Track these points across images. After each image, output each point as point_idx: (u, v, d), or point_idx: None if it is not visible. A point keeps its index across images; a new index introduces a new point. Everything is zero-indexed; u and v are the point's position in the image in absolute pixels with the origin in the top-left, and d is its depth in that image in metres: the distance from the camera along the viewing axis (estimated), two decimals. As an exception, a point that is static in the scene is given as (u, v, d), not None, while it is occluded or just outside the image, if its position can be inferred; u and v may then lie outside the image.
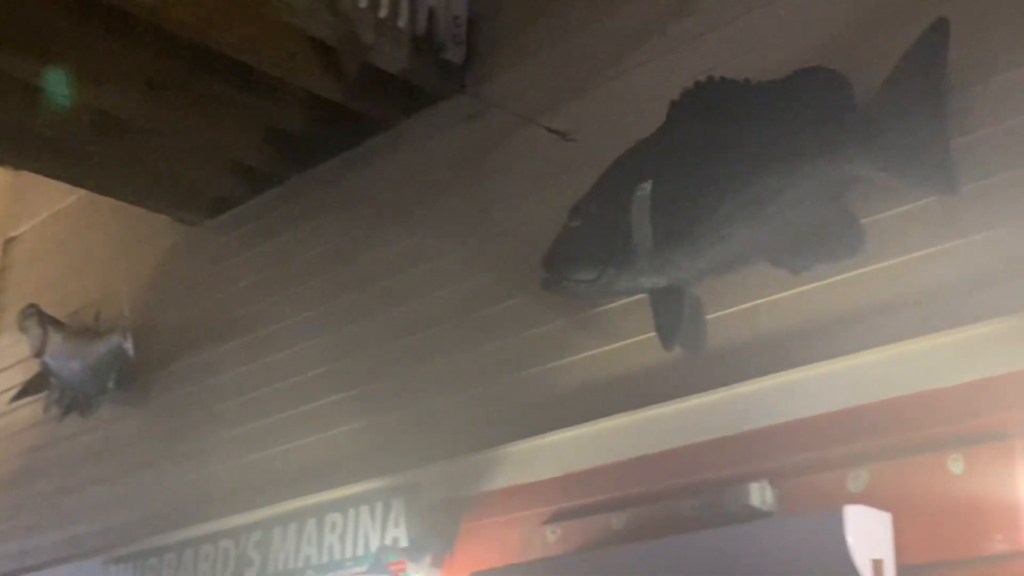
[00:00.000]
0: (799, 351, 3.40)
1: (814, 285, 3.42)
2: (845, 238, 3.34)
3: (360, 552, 4.46)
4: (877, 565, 3.01)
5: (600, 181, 3.89)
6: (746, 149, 3.54)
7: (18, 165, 6.00)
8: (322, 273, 5.06)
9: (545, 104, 4.38)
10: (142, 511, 5.63)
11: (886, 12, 3.50)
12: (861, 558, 2.98)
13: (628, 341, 3.86)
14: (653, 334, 3.71)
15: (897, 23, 3.39)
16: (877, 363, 3.25)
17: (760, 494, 3.31)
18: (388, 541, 4.34)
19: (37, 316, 6.40)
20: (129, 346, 5.83)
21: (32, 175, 6.19)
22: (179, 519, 5.37)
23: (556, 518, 3.88)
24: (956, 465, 3.03)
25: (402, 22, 4.62)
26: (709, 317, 3.66)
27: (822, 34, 3.64)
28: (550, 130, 4.21)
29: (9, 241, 7.60)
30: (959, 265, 3.15)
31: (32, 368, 6.43)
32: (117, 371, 5.88)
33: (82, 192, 6.33)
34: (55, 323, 6.36)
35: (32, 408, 6.52)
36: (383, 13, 4.57)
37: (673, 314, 3.64)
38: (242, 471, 5.13)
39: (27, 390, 6.48)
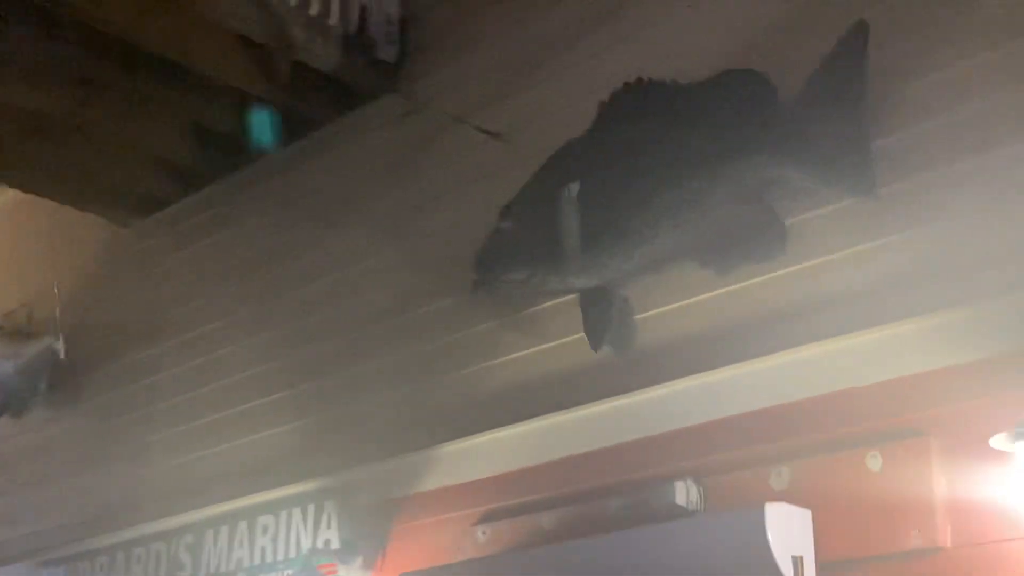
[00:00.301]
0: (724, 351, 3.43)
1: (739, 285, 3.44)
2: (768, 239, 3.37)
3: (292, 554, 4.44)
4: (798, 561, 3.05)
5: (530, 182, 3.90)
6: (673, 150, 3.56)
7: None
8: (255, 273, 5.04)
9: (478, 103, 4.37)
10: (75, 514, 5.57)
11: (811, 14, 3.53)
12: (782, 555, 3.01)
13: (559, 341, 3.87)
14: (583, 334, 3.74)
15: (822, 25, 3.42)
16: (799, 362, 3.27)
17: (685, 492, 3.34)
18: (320, 543, 4.33)
19: (-33, 319, 6.31)
20: (61, 347, 5.77)
21: (-40, 176, 6.10)
22: (112, 522, 5.31)
23: (487, 519, 3.88)
24: (874, 462, 3.08)
25: (333, 20, 4.60)
26: (638, 317, 3.68)
27: (748, 36, 3.66)
28: (482, 130, 4.22)
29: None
30: (878, 266, 3.19)
31: (-39, 371, 6.34)
32: (49, 372, 5.82)
33: (12, 192, 6.23)
34: (-15, 325, 6.28)
35: (-37, 411, 6.42)
36: (314, 11, 4.55)
37: (602, 314, 3.66)
38: (175, 473, 5.09)
39: (-43, 393, 6.39)
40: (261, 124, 4.06)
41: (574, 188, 3.65)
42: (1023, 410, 2.79)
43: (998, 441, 2.70)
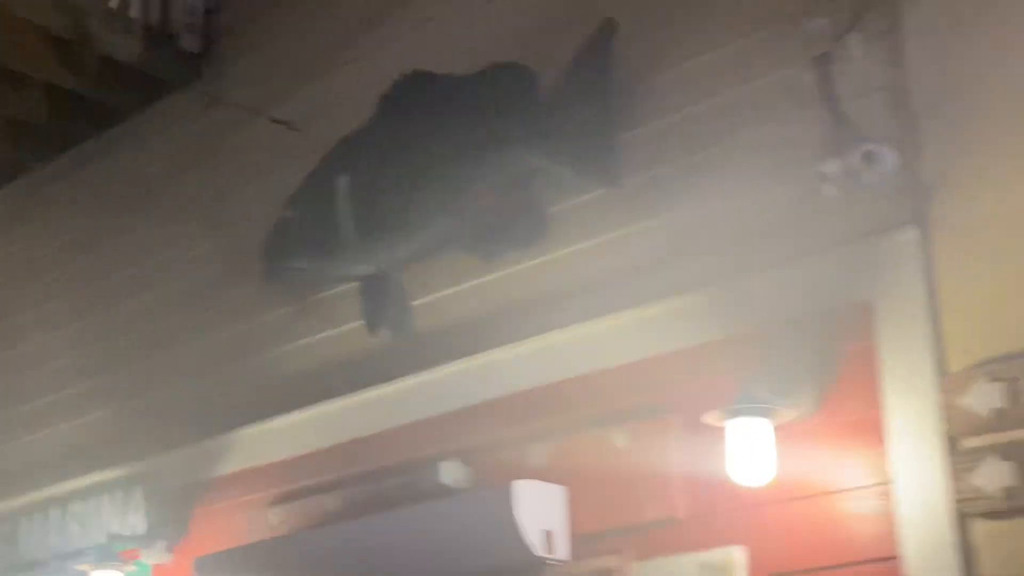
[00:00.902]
0: (491, 335, 3.56)
1: (504, 272, 3.59)
2: (530, 227, 3.52)
3: (101, 540, 4.50)
4: (548, 536, 3.21)
5: (313, 172, 4.00)
6: (444, 141, 3.69)
7: None
8: (64, 263, 5.06)
9: (277, 94, 4.45)
10: None
11: (580, 10, 3.67)
12: (531, 530, 3.17)
13: (346, 327, 3.98)
14: (366, 321, 3.87)
15: (587, 21, 3.56)
16: (557, 346, 3.43)
17: (451, 472, 3.48)
18: (127, 529, 4.39)
19: None
20: None
21: None
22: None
23: (280, 501, 3.99)
24: (621, 439, 3.25)
25: (134, 12, 4.63)
26: (415, 303, 3.81)
27: (522, 29, 3.79)
28: (275, 120, 4.29)
29: None
30: (626, 253, 3.35)
31: None
32: None
33: None
34: None
35: None
36: (114, 3, 4.58)
37: (378, 301, 3.79)
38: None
39: None
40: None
41: (346, 179, 3.75)
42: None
43: (710, 417, 2.88)
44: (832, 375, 2.90)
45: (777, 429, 2.87)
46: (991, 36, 2.84)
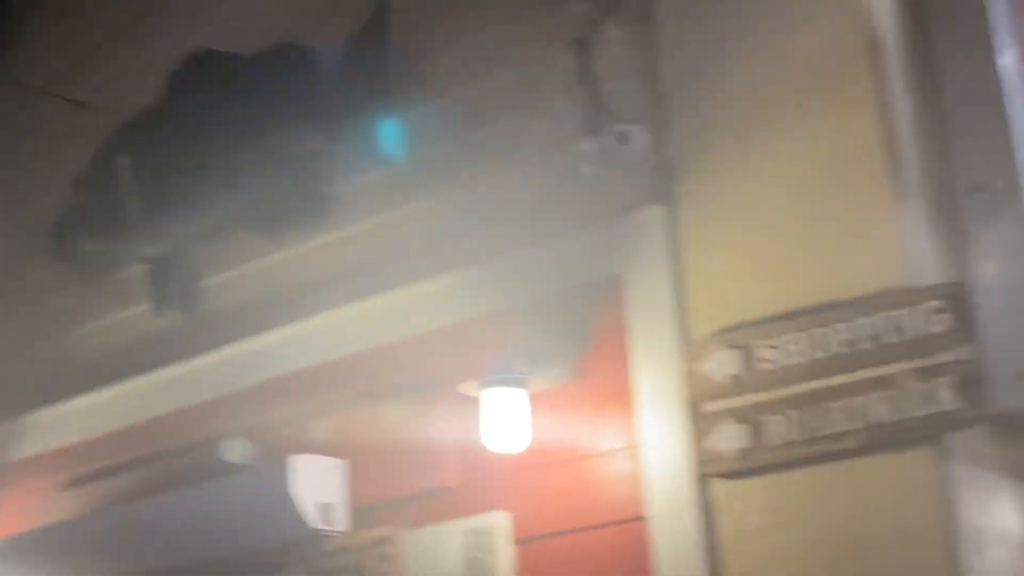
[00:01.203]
0: (276, 314, 3.61)
1: (288, 253, 3.64)
2: (311, 207, 3.57)
3: None
4: (327, 508, 3.28)
5: (97, 153, 3.97)
6: (229, 121, 3.69)
7: None
8: None
9: (70, 73, 4.40)
10: None
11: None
12: (308, 503, 3.24)
13: (136, 309, 3.98)
14: (159, 301, 3.87)
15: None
16: (339, 323, 3.49)
17: (233, 450, 3.53)
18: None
19: None
20: None
21: None
22: None
23: (72, 485, 3.98)
24: (397, 413, 3.33)
25: (-80, -9, 4.53)
26: (203, 284, 3.83)
27: (308, 8, 3.81)
28: (66, 100, 4.25)
29: None
30: (405, 231, 3.43)
31: None
32: None
33: None
34: None
35: None
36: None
37: (166, 282, 3.80)
38: None
39: None
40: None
41: (126, 160, 3.75)
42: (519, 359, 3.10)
43: (467, 388, 2.98)
44: (587, 345, 3.03)
45: (534, 398, 2.99)
46: (737, 23, 2.98)
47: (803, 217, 2.73)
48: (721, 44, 2.98)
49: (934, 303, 2.51)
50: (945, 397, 2.46)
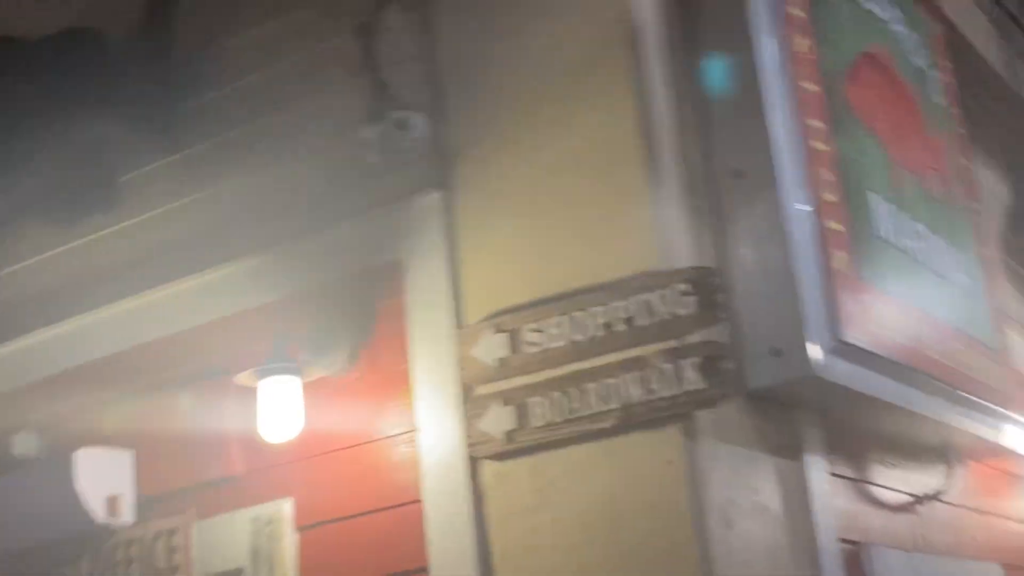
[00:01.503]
0: (69, 305, 3.55)
1: (80, 241, 3.58)
2: (101, 195, 3.52)
3: None
4: (114, 501, 3.25)
5: None
6: (20, 106, 3.62)
7: None
8: None
9: None
10: None
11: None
12: (94, 497, 3.21)
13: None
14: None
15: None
16: (130, 312, 3.43)
17: (23, 444, 3.47)
18: None
19: None
20: None
21: None
22: None
23: None
24: (186, 402, 3.33)
25: None
26: (-1, 273, 3.76)
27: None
28: None
29: None
30: (192, 219, 3.40)
31: None
32: None
33: None
34: None
35: None
36: None
37: (-44, 273, 3.71)
38: None
39: None
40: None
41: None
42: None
43: (243, 378, 2.98)
44: (368, 332, 3.06)
45: (315, 386, 3.01)
46: (510, 13, 3.02)
47: (566, 203, 2.79)
48: (496, 33, 3.01)
49: (681, 286, 2.58)
50: (691, 377, 2.54)
